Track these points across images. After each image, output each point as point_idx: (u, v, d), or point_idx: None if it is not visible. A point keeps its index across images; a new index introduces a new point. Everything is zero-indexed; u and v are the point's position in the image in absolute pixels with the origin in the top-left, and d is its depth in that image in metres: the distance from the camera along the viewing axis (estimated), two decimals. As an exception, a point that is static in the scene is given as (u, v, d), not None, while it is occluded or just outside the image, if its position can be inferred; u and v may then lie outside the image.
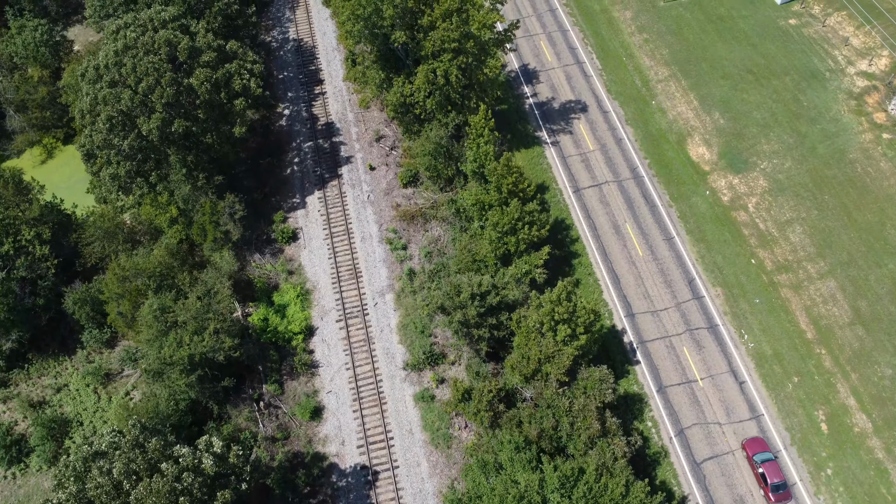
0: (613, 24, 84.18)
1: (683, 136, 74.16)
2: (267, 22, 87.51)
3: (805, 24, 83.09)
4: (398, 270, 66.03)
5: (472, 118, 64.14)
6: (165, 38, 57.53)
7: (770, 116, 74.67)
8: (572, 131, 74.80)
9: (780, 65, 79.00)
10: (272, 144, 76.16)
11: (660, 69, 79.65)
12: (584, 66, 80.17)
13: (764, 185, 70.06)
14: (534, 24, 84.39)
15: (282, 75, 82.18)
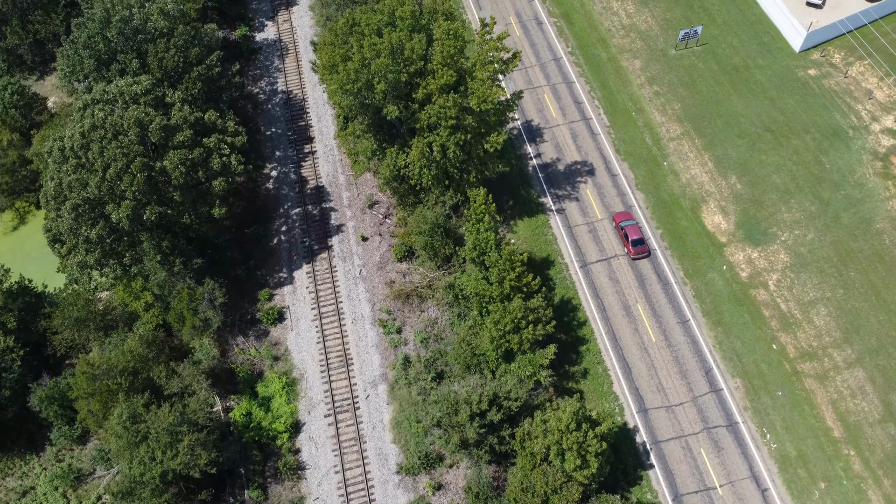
0: (622, 74, 79.24)
1: (698, 202, 69.31)
2: (254, 71, 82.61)
3: (825, 75, 78.14)
4: (392, 357, 61.31)
5: (472, 192, 59.50)
6: (136, 117, 52.69)
7: (790, 181, 69.81)
8: (579, 197, 69.96)
9: (800, 121, 74.09)
10: (258, 210, 71.36)
11: (672, 126, 74.74)
12: (591, 122, 75.26)
13: (785, 260, 65.22)
14: (537, 74, 79.44)
15: (269, 131, 77.31)
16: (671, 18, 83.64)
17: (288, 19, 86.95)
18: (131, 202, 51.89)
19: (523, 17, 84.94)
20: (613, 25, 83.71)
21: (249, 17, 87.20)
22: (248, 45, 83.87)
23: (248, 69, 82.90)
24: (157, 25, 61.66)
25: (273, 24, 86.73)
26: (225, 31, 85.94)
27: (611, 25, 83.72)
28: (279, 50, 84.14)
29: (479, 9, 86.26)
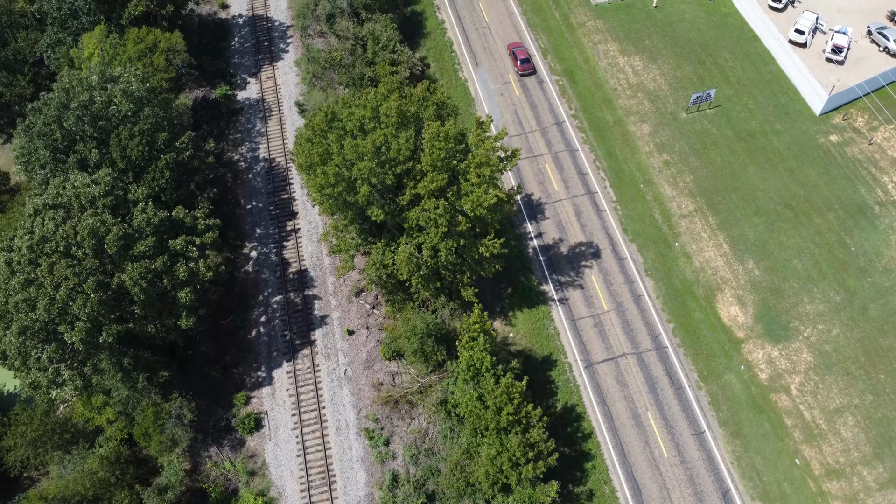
0: (629, 140, 73.67)
1: (712, 290, 63.84)
2: (235, 135, 77.10)
3: (848, 142, 72.58)
4: (378, 474, 55.90)
5: (465, 292, 54.10)
6: (90, 227, 47.28)
7: (813, 266, 64.32)
8: (583, 285, 64.51)
9: (822, 196, 68.57)
10: (236, 296, 65.95)
11: (683, 201, 69.22)
12: (596, 196, 69.74)
13: (808, 360, 59.75)
14: (538, 141, 73.89)
15: (250, 205, 71.88)
16: (681, 76, 78.05)
17: (272, 76, 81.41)
18: (85, 324, 46.57)
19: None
20: (620, 84, 78.12)
21: (231, 73, 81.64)
22: (228, 106, 78.32)
23: (228, 132, 77.39)
24: (120, 109, 56.21)
25: (256, 81, 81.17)
26: (204, 90, 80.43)
27: (617, 84, 78.15)
28: (262, 111, 78.58)
29: (475, 65, 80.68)
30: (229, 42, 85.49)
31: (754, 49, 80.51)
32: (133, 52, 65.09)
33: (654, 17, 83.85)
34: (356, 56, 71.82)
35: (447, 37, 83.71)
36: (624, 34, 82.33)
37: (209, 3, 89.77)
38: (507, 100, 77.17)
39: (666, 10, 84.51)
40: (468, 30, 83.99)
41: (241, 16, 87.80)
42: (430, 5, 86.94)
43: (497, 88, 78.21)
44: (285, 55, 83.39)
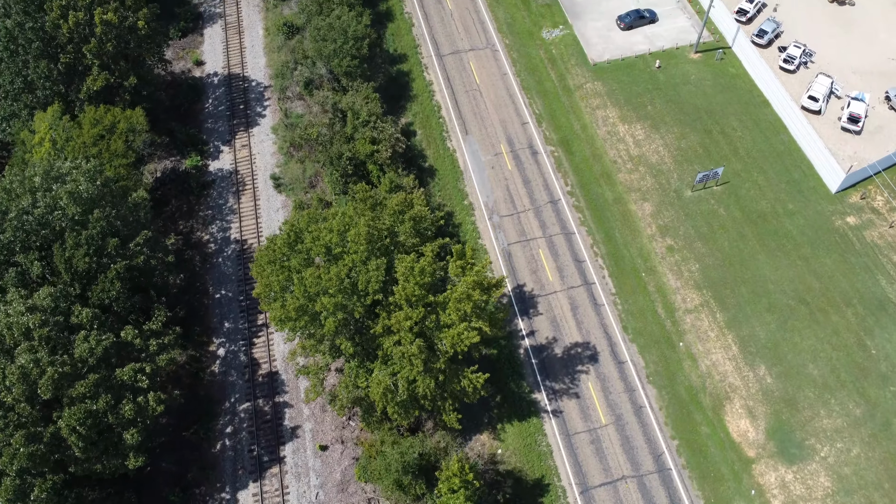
0: (630, 221, 68.16)
1: (720, 399, 58.35)
2: (205, 212, 71.68)
3: (867, 224, 67.02)
4: None
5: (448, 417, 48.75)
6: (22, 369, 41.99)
7: (830, 372, 58.79)
8: (579, 393, 59.03)
9: (840, 289, 63.04)
10: (201, 402, 60.54)
11: (688, 294, 63.73)
12: (594, 287, 64.27)
13: (826, 486, 54.24)
14: (531, 223, 68.38)
15: (219, 293, 66.50)
16: (686, 148, 72.52)
17: (247, 143, 75.95)
18: (15, 479, 41.29)
19: (515, 145, 73.84)
20: (620, 156, 72.61)
21: (203, 141, 76.15)
22: (199, 179, 72.95)
23: (199, 208, 71.95)
24: (67, 213, 50.87)
25: (230, 149, 75.73)
26: (174, 160, 75.05)
27: (617, 156, 72.64)
28: (235, 184, 73.14)
29: (465, 133, 75.18)
30: (203, 104, 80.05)
31: (765, 116, 74.94)
32: (88, 137, 59.72)
33: (657, 78, 78.30)
34: (334, 131, 66.41)
35: (435, 100, 78.21)
36: (624, 98, 76.78)
37: (183, 59, 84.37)
38: (498, 174, 71.67)
39: (669, 70, 78.94)
40: (458, 92, 78.49)
41: (216, 74, 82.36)
42: (418, 65, 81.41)
43: (488, 160, 72.73)
44: (262, 120, 77.92)
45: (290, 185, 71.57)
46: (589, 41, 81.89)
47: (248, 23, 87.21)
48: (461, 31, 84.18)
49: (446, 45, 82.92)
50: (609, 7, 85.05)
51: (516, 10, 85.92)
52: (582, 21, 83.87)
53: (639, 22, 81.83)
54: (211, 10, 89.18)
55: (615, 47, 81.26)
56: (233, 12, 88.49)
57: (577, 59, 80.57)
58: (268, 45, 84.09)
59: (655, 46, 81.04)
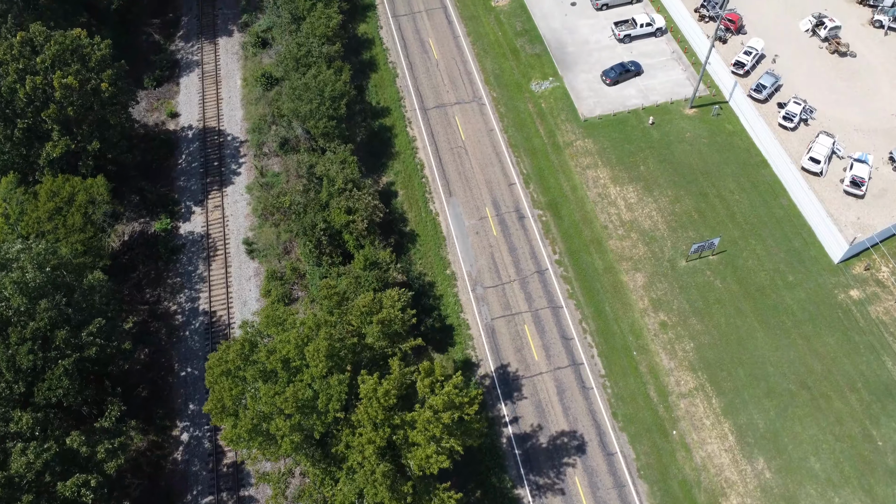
0: (621, 294, 64.47)
1: (716, 496, 54.42)
2: (174, 279, 68.02)
3: (871, 299, 63.35)
4: None
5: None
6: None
7: (833, 466, 54.94)
8: (565, 489, 55.10)
9: (843, 372, 59.29)
10: (162, 493, 56.69)
11: (683, 376, 59.98)
12: (582, 368, 60.52)
13: None
14: (516, 295, 64.68)
15: (185, 371, 62.73)
16: (680, 213, 68.97)
17: (220, 204, 72.36)
18: None
19: (501, 208, 70.27)
20: (611, 220, 69.03)
21: (174, 201, 72.54)
22: (168, 243, 69.28)
23: (167, 275, 68.28)
24: (11, 304, 47.25)
25: (202, 210, 72.17)
26: (143, 222, 71.46)
27: (608, 220, 69.05)
28: (206, 249, 69.53)
29: (448, 195, 71.63)
30: (176, 160, 76.53)
31: (763, 178, 71.43)
32: (44, 212, 56.16)
33: (650, 136, 74.86)
34: (308, 199, 62.86)
35: (418, 158, 74.72)
36: (616, 157, 73.30)
37: (158, 111, 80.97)
38: (482, 240, 68.09)
39: (663, 127, 75.51)
40: (442, 150, 75.02)
41: (190, 127, 78.90)
42: (401, 119, 77.97)
43: (472, 225, 69.16)
44: (237, 178, 74.41)
45: (263, 250, 67.97)
46: (579, 94, 78.52)
47: (225, 71, 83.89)
48: (447, 82, 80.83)
49: (431, 97, 79.55)
50: (600, 58, 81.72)
51: (504, 61, 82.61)
52: (572, 73, 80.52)
53: (624, 76, 78.46)
54: (188, 57, 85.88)
55: (607, 101, 77.86)
56: (210, 60, 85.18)
57: (568, 114, 77.16)
58: (246, 97, 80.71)
59: (649, 101, 77.65)
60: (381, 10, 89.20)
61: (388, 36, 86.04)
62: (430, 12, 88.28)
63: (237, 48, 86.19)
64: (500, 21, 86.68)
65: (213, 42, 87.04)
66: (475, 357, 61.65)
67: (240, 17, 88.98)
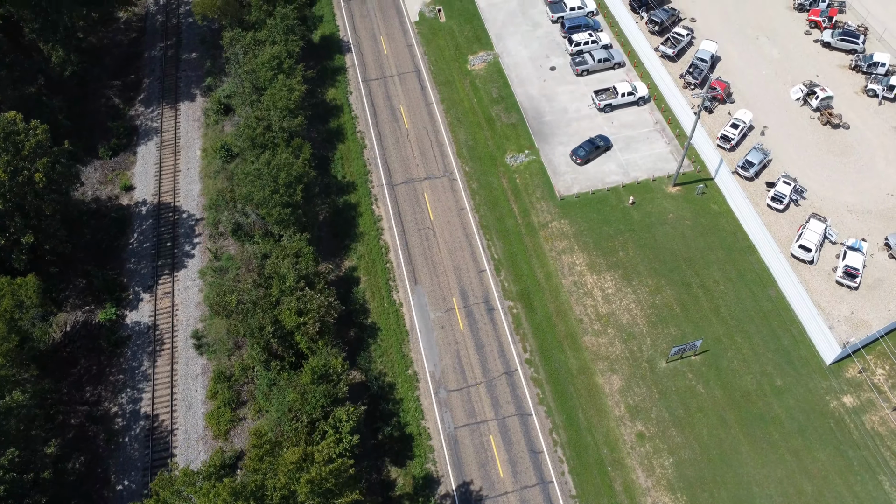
0: (596, 399, 59.65)
1: None
2: (117, 376, 63.23)
3: (866, 406, 58.51)
4: None
5: None
6: None
7: None
8: None
9: (835, 493, 54.31)
10: None
11: (661, 497, 54.95)
12: (551, 488, 55.50)
13: None
14: (482, 400, 59.82)
15: (121, 485, 57.80)
16: (661, 305, 64.31)
17: (171, 290, 67.74)
18: None
19: (470, 299, 65.63)
20: (587, 313, 64.36)
21: (123, 286, 67.92)
22: (112, 335, 64.65)
23: (110, 371, 63.57)
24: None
25: (151, 297, 67.50)
26: (87, 311, 66.87)
27: (583, 313, 64.38)
28: (152, 342, 64.78)
29: (414, 282, 67.04)
30: (127, 239, 72.06)
31: (750, 266, 66.83)
32: (-38, 321, 51.71)
33: (631, 217, 70.39)
34: (258, 296, 58.27)
35: (383, 240, 70.21)
36: (594, 241, 68.78)
37: (112, 183, 76.61)
38: (448, 336, 63.40)
39: (644, 207, 71.07)
40: (409, 231, 70.55)
41: (145, 203, 74.50)
42: (367, 195, 73.56)
43: (437, 318, 64.50)
44: (190, 261, 69.88)
45: (213, 345, 63.32)
46: (556, 169, 74.17)
47: (185, 140, 79.65)
48: (417, 154, 76.55)
49: (400, 171, 75.23)
50: (580, 128, 77.49)
51: (479, 131, 78.37)
52: (549, 145, 76.21)
53: (595, 154, 74.05)
54: (147, 124, 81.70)
55: (585, 178, 73.48)
56: (170, 127, 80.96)
57: (543, 191, 72.75)
58: (204, 169, 76.42)
59: (630, 177, 73.26)
60: (351, 73, 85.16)
61: (357, 102, 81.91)
62: (403, 76, 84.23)
63: (199, 114, 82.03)
64: (475, 86, 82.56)
65: (175, 107, 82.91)
66: (436, 472, 56.70)
67: (204, 79, 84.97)
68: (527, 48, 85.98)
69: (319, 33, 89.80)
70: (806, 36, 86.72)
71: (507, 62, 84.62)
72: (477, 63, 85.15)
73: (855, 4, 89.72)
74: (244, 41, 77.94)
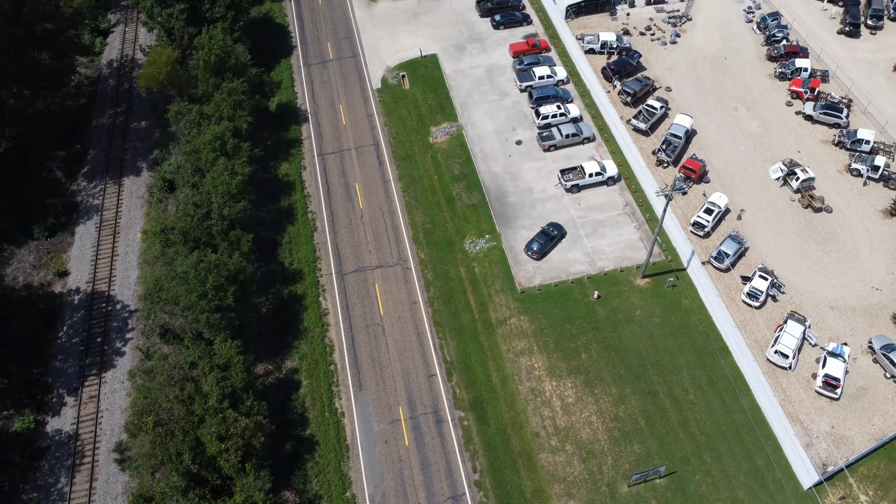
0: (549, 529, 54.39)
1: None
2: (30, 494, 57.79)
3: (848, 540, 53.23)
4: None
5: None
6: None
7: None
8: None
9: None
10: None
11: None
12: None
13: None
14: (425, 530, 54.66)
15: None
16: (625, 418, 59.06)
17: (96, 394, 62.57)
18: None
19: (418, 408, 60.39)
20: (544, 426, 59.09)
21: (46, 387, 62.96)
22: (29, 446, 59.47)
23: (24, 488, 58.32)
24: None
25: (75, 402, 62.35)
26: (5, 417, 61.78)
27: (540, 425, 59.11)
28: (72, 455, 59.60)
29: (358, 388, 61.75)
30: (56, 332, 67.18)
31: (723, 371, 61.62)
32: None
33: (595, 314, 65.37)
34: (180, 416, 53.20)
35: (328, 338, 65.13)
36: (555, 341, 63.72)
37: (45, 268, 71.80)
38: (392, 452, 58.10)
39: (610, 302, 66.09)
40: (356, 327, 65.54)
41: (78, 291, 69.65)
42: (315, 286, 68.65)
43: (381, 431, 59.26)
44: (119, 360, 64.76)
45: (136, 460, 57.73)
46: (518, 258, 69.32)
47: (127, 220, 74.99)
48: (370, 239, 71.80)
49: (351, 258, 70.43)
50: (544, 210, 72.81)
51: (438, 212, 73.65)
52: (512, 229, 71.46)
53: (550, 245, 69.20)
54: (89, 200, 77.14)
55: (548, 267, 68.61)
56: (113, 205, 76.35)
57: (503, 283, 67.84)
58: (144, 253, 71.66)
59: (595, 267, 68.40)
60: (307, 145, 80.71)
61: (311, 179, 77.34)
62: (361, 150, 79.77)
63: (144, 190, 77.47)
64: (436, 162, 78.05)
65: (119, 182, 78.36)
66: None
67: (152, 151, 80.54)
68: (493, 119, 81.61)
69: (277, 100, 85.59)
70: (787, 107, 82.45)
71: (472, 135, 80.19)
72: (440, 135, 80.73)
73: (839, 73, 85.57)
74: (189, 116, 73.59)
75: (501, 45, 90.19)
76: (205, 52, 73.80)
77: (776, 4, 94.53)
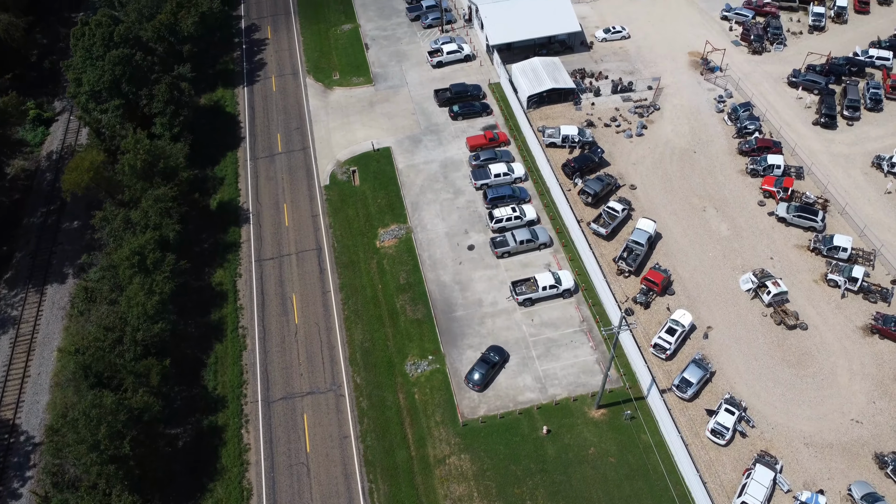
0: None
1: None
2: None
3: None
4: None
5: None
6: None
7: None
8: None
9: None
10: None
11: None
12: None
13: None
14: None
15: None
16: (572, 583, 52.24)
17: None
18: None
19: (339, 569, 53.83)
20: (480, 592, 52.31)
21: (-71, 538, 56.76)
22: None
23: None
24: None
25: (-41, 556, 56.20)
26: None
27: (476, 590, 52.34)
28: None
29: (275, 542, 55.39)
30: (-50, 469, 61.09)
31: (684, 524, 55.11)
32: None
33: (544, 452, 58.86)
34: None
35: (247, 479, 58.40)
36: (497, 486, 57.03)
37: (-51, 390, 66.05)
38: None
39: (562, 437, 59.64)
40: (279, 467, 59.03)
41: (-19, 418, 63.82)
42: (237, 416, 62.21)
43: None
44: (16, 500, 58.60)
45: None
46: (461, 384, 63.16)
47: (44, 335, 69.37)
48: (303, 359, 65.86)
49: (280, 383, 64.38)
50: (494, 327, 66.94)
51: (379, 328, 67.83)
52: (458, 349, 65.54)
53: (493, 373, 63.03)
54: (7, 312, 71.55)
55: (494, 395, 62.37)
56: (31, 317, 70.91)
57: (445, 412, 61.57)
58: (57, 375, 65.71)
59: (547, 395, 62.18)
60: (245, 250, 75.48)
61: (245, 288, 71.87)
62: (302, 255, 74.48)
63: (66, 301, 72.07)
64: (382, 269, 72.62)
65: (41, 290, 73.04)
66: None
67: (80, 256, 75.38)
68: (444, 221, 76.50)
69: (219, 198, 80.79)
70: (759, 207, 77.29)
71: (421, 238, 74.98)
72: (387, 238, 75.52)
73: (814, 168, 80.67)
74: (114, 223, 68.69)
75: (459, 138, 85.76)
76: (130, 157, 69.24)
77: (748, 93, 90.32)
